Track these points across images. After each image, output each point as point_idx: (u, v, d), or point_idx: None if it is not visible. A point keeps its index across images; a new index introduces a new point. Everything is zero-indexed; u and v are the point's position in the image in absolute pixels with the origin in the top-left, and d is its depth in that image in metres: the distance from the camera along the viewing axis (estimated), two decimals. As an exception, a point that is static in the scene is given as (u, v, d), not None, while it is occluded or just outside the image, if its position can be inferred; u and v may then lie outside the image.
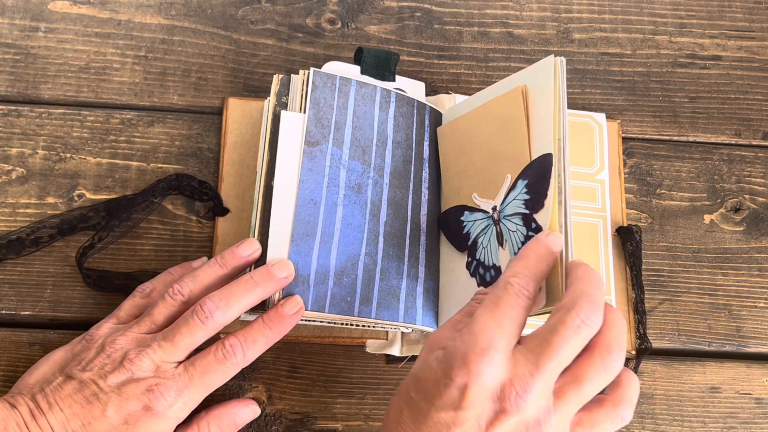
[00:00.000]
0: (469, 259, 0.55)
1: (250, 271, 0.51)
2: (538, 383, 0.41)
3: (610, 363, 0.42)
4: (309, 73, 0.55)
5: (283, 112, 0.54)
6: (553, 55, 0.51)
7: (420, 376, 0.43)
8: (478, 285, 0.54)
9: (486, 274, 0.53)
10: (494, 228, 0.53)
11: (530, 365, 0.41)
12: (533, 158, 0.51)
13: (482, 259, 0.54)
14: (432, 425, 0.42)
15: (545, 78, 0.51)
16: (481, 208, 0.55)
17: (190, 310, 0.49)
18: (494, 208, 0.54)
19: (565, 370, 0.43)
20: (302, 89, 0.55)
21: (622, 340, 0.43)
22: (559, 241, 0.46)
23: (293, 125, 0.54)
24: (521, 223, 0.51)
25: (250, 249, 0.51)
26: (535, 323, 0.47)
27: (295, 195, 0.53)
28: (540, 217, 0.49)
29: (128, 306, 0.52)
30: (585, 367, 0.42)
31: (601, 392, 0.44)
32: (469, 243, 0.55)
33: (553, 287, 0.47)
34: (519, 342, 0.43)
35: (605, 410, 0.44)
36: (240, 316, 0.50)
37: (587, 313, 0.42)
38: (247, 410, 0.53)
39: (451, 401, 0.41)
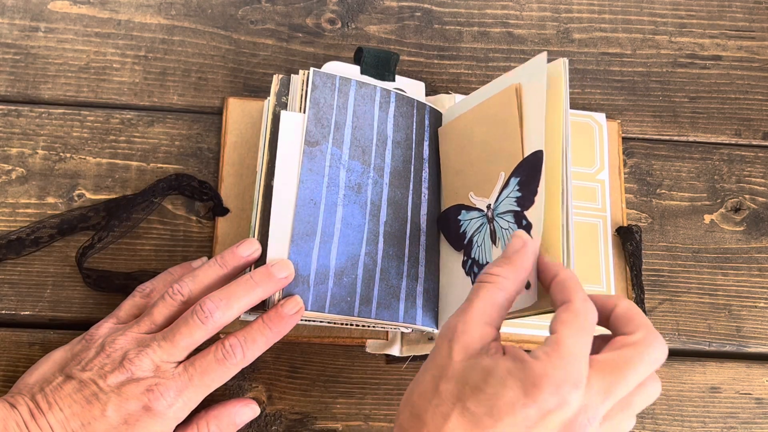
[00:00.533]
0: (465, 258, 0.55)
1: (250, 270, 0.51)
2: (605, 409, 0.42)
3: (655, 392, 0.44)
4: (309, 73, 0.55)
5: (282, 112, 0.54)
6: (545, 53, 0.51)
7: (484, 389, 0.41)
8: (473, 284, 0.54)
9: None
10: (488, 226, 0.53)
11: (602, 394, 0.41)
12: (525, 155, 0.51)
13: (477, 258, 0.54)
14: None
15: (538, 76, 0.51)
16: (477, 206, 0.55)
17: (189, 310, 0.49)
18: (488, 206, 0.54)
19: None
20: (302, 89, 0.55)
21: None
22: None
23: (293, 125, 0.54)
24: (512, 221, 0.51)
25: (250, 249, 0.51)
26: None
27: (295, 195, 0.53)
28: (530, 214, 0.49)
29: (128, 306, 0.52)
30: (637, 395, 0.43)
31: None
32: (465, 242, 0.55)
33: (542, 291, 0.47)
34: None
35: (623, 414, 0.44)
36: (240, 316, 0.50)
37: (662, 352, 0.43)
38: (247, 410, 0.53)
39: (526, 421, 0.40)
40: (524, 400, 0.40)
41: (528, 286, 0.46)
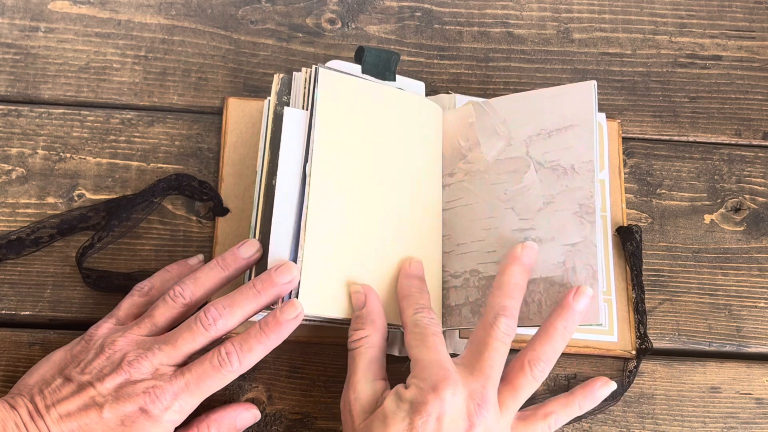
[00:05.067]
0: None
1: (251, 272, 0.52)
2: (490, 393, 0.47)
3: (537, 374, 0.49)
4: (312, 70, 0.55)
5: (286, 109, 0.53)
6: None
7: (384, 426, 0.46)
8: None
9: None
10: None
11: (477, 378, 0.47)
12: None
13: None
14: None
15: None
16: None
17: (193, 316, 0.49)
18: None
19: (502, 380, 0.49)
20: (305, 86, 0.55)
21: (551, 351, 0.49)
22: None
23: (296, 122, 0.54)
24: None
25: (251, 250, 0.51)
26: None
27: (298, 193, 0.53)
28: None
29: (127, 305, 0.52)
30: (517, 377, 0.49)
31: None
32: None
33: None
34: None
35: (537, 418, 0.52)
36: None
37: (507, 325, 0.49)
38: (248, 415, 0.53)
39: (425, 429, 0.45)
40: (413, 416, 0.45)
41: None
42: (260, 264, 0.51)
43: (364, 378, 0.49)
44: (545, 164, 0.55)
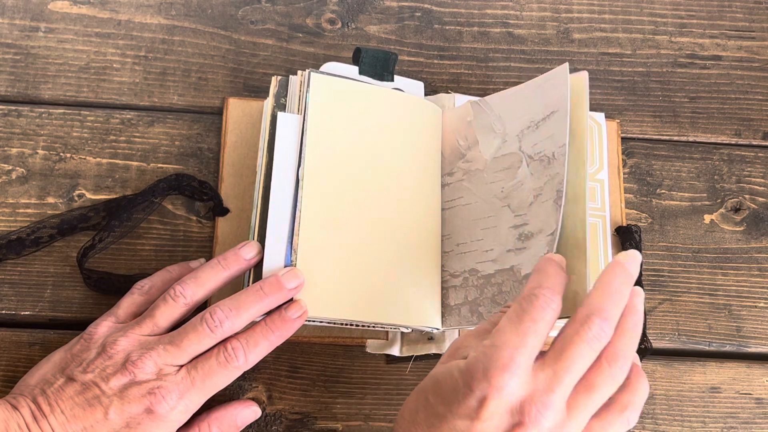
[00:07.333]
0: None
1: (250, 273, 0.52)
2: (557, 397, 0.42)
3: (617, 372, 0.43)
4: (306, 74, 0.55)
5: (279, 114, 0.54)
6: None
7: (440, 381, 0.44)
8: None
9: None
10: None
11: (548, 380, 0.42)
12: None
13: None
14: (447, 430, 0.42)
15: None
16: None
17: (198, 316, 0.49)
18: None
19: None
20: (300, 90, 0.55)
21: (630, 349, 0.44)
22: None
23: (290, 126, 0.54)
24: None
25: (252, 252, 0.51)
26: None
27: (292, 197, 0.53)
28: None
29: (127, 304, 0.52)
30: (595, 375, 0.43)
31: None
32: None
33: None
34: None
35: (613, 414, 0.44)
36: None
37: (599, 328, 0.42)
38: (248, 411, 0.53)
39: (469, 411, 0.42)
40: (464, 389, 0.42)
41: None
42: (257, 266, 0.51)
43: (480, 333, 0.45)
44: (534, 156, 0.54)
